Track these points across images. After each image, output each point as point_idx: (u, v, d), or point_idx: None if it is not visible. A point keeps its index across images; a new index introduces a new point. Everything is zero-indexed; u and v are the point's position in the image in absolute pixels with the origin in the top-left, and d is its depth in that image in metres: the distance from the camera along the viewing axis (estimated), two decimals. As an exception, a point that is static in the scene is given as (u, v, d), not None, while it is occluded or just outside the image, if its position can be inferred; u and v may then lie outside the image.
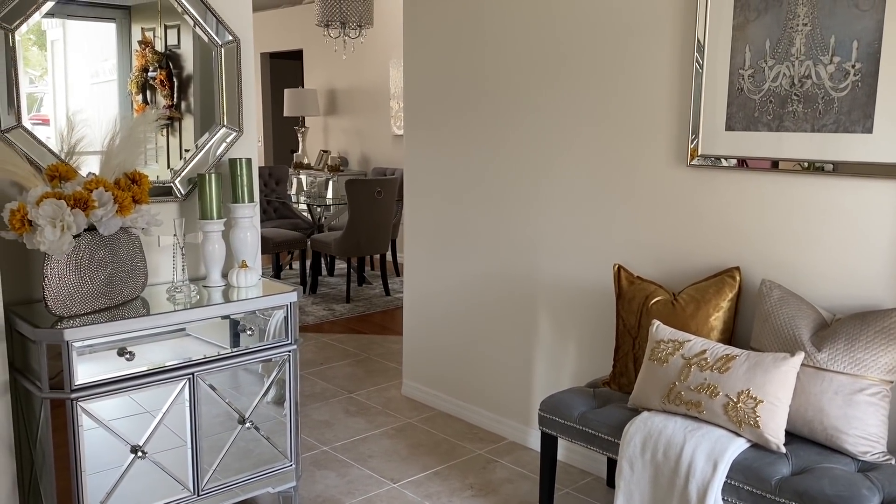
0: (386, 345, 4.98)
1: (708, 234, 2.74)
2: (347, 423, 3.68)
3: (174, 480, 2.42)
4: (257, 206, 2.81)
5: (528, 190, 3.32)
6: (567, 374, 3.26)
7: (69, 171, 2.30)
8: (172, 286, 2.57)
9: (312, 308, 5.94)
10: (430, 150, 3.77)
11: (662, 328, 2.54)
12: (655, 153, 2.86)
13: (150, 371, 2.32)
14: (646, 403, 2.49)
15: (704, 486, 2.20)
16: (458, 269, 3.69)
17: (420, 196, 3.86)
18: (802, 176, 2.48)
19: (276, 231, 6.45)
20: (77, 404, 2.18)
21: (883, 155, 2.28)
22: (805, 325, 2.35)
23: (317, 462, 3.25)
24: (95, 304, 2.30)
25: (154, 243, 2.69)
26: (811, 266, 2.49)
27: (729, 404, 2.27)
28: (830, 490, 2.02)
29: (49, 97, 2.51)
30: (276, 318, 2.61)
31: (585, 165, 3.09)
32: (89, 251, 2.26)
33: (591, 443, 2.54)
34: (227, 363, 2.49)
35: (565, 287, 3.22)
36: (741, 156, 2.60)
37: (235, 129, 2.82)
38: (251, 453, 2.60)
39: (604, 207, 3.05)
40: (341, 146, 8.53)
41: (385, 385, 4.21)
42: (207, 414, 2.47)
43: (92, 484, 2.25)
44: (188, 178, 2.75)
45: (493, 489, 3.02)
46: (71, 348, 2.15)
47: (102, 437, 2.26)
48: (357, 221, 5.96)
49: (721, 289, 2.59)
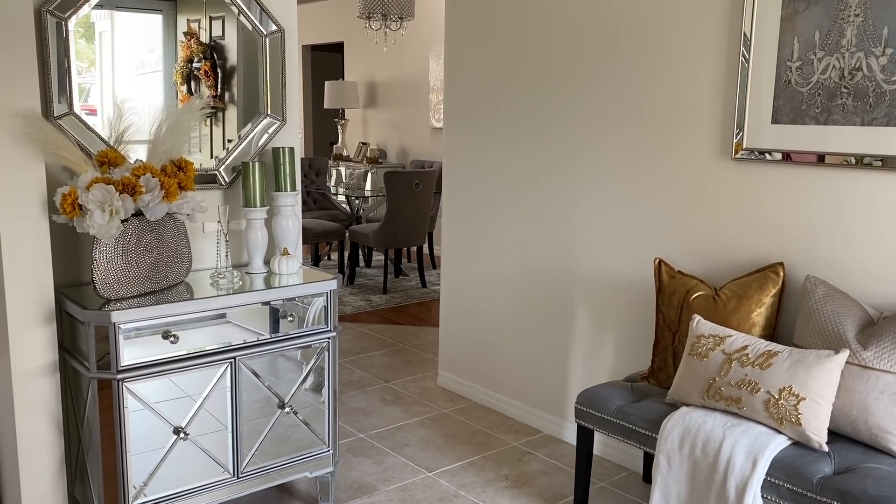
0: (422, 336, 5.01)
1: (751, 228, 2.70)
2: (384, 411, 3.71)
3: (215, 463, 2.46)
4: (299, 194, 2.84)
5: (568, 183, 3.30)
6: (604, 368, 3.24)
7: (118, 158, 2.36)
8: (216, 272, 2.61)
9: (350, 298, 5.99)
10: (469, 143, 3.77)
11: (703, 323, 2.51)
12: (699, 146, 2.82)
13: (193, 354, 2.37)
14: (685, 398, 2.46)
15: (744, 482, 2.17)
16: (496, 262, 3.69)
17: (458, 188, 3.87)
18: (850, 170, 2.43)
19: (315, 222, 6.51)
20: (123, 385, 2.23)
21: (936, 149, 2.22)
22: (850, 323, 2.30)
23: (353, 449, 3.29)
24: (141, 287, 2.36)
25: (199, 230, 2.74)
26: (857, 262, 2.44)
27: (770, 401, 2.23)
28: (874, 490, 1.98)
29: (96, 88, 2.57)
30: (315, 306, 2.64)
31: (627, 159, 3.07)
32: (136, 236, 2.32)
33: (628, 437, 2.52)
34: (267, 348, 2.53)
35: (604, 281, 3.20)
36: (787, 149, 2.55)
37: (279, 118, 2.85)
38: (289, 439, 2.64)
39: (645, 201, 3.02)
40: (380, 138, 8.58)
41: (421, 375, 4.24)
42: (248, 399, 2.52)
43: (136, 464, 2.30)
44: (232, 167, 2.79)
45: (527, 481, 3.02)
46: (117, 330, 2.20)
47: (147, 419, 2.31)
48: (395, 213, 5.99)
49: (764, 284, 2.55)
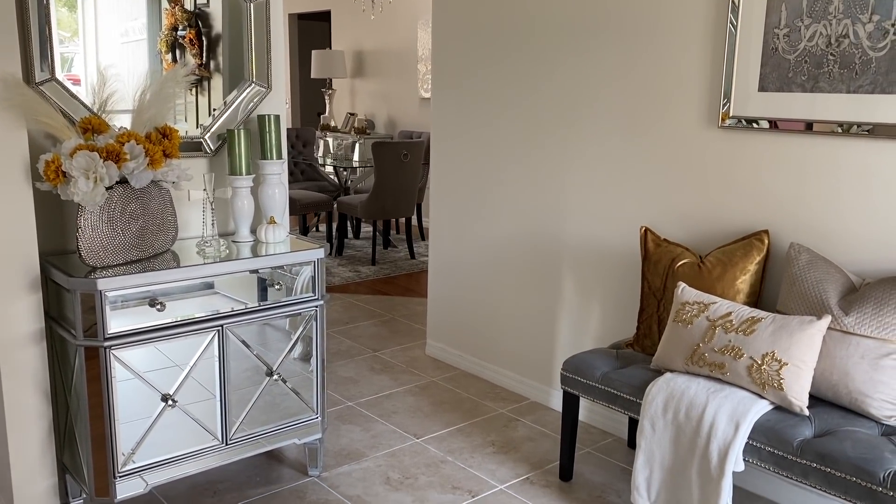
0: (410, 306, 5.02)
1: (737, 196, 2.71)
2: (372, 380, 3.73)
3: (203, 430, 2.48)
4: (285, 163, 2.83)
5: (555, 152, 3.30)
6: (590, 336, 3.27)
7: (102, 125, 2.33)
8: (202, 240, 2.61)
9: (338, 270, 5.99)
10: (456, 113, 3.76)
11: (688, 290, 2.53)
12: (686, 114, 2.82)
13: (180, 322, 2.37)
14: (669, 365, 2.49)
15: (726, 446, 2.21)
16: (483, 232, 3.69)
17: (446, 158, 3.86)
18: (835, 138, 2.44)
19: (302, 193, 6.49)
20: (110, 352, 2.24)
21: (920, 117, 2.23)
22: (833, 289, 2.33)
23: (342, 417, 3.31)
24: (127, 255, 2.35)
25: (184, 198, 2.72)
26: (841, 230, 2.46)
27: (753, 366, 2.26)
28: (853, 452, 2.02)
29: (80, 57, 2.53)
30: (303, 276, 2.64)
31: (614, 127, 3.06)
32: (121, 203, 2.30)
33: (612, 402, 2.56)
34: (254, 316, 2.53)
35: (590, 249, 3.22)
36: (774, 117, 2.56)
37: (264, 85, 2.83)
38: (278, 406, 2.65)
39: (632, 169, 3.03)
40: (368, 109, 8.52)
41: (409, 345, 4.26)
42: (236, 367, 2.53)
43: (124, 431, 2.31)
44: (217, 135, 2.77)
45: (514, 447, 3.06)
46: (104, 297, 2.20)
47: (135, 387, 2.32)
48: (383, 184, 5.97)
49: (749, 252, 2.57)
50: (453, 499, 2.67)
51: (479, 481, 2.79)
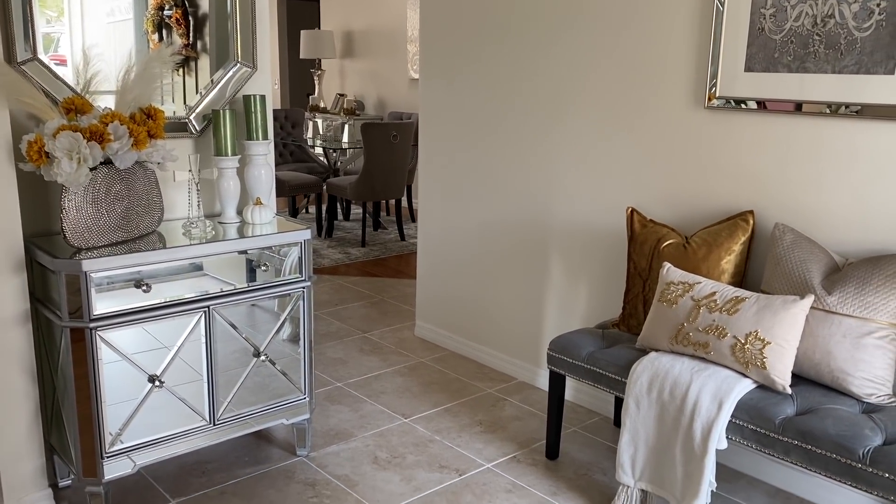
0: (400, 288, 5.03)
1: (723, 177, 2.72)
2: (361, 361, 3.75)
3: (191, 411, 2.49)
4: (271, 143, 2.82)
5: (543, 134, 3.30)
6: (577, 316, 3.29)
7: (85, 105, 2.31)
8: (188, 221, 2.60)
9: (328, 251, 5.99)
10: (445, 95, 3.74)
11: (673, 270, 2.55)
12: (672, 95, 2.82)
13: (167, 303, 2.37)
14: (654, 344, 2.51)
15: (709, 424, 2.23)
16: (472, 213, 3.69)
17: (435, 140, 3.85)
18: (820, 119, 2.44)
19: (292, 174, 6.47)
20: (96, 333, 2.24)
21: None
22: (816, 269, 2.34)
23: (330, 397, 3.32)
24: (112, 237, 2.34)
25: (170, 179, 2.71)
26: (826, 210, 2.48)
27: (736, 345, 2.28)
28: (833, 430, 2.05)
29: (66, 37, 2.51)
30: (291, 258, 2.64)
31: (601, 109, 3.06)
32: (106, 184, 2.29)
33: (598, 381, 2.58)
34: (241, 297, 2.53)
35: (578, 231, 3.23)
36: (760, 97, 2.56)
37: (249, 65, 2.81)
38: (266, 387, 2.66)
39: (619, 151, 3.03)
40: (357, 90, 8.47)
41: (398, 326, 4.27)
42: (224, 350, 2.53)
43: (111, 411, 2.32)
44: (203, 115, 2.76)
45: (501, 426, 3.08)
46: (89, 279, 2.20)
47: (121, 368, 2.32)
48: (372, 166, 5.96)
49: (734, 232, 2.58)
50: (440, 477, 2.69)
51: (467, 460, 2.81)
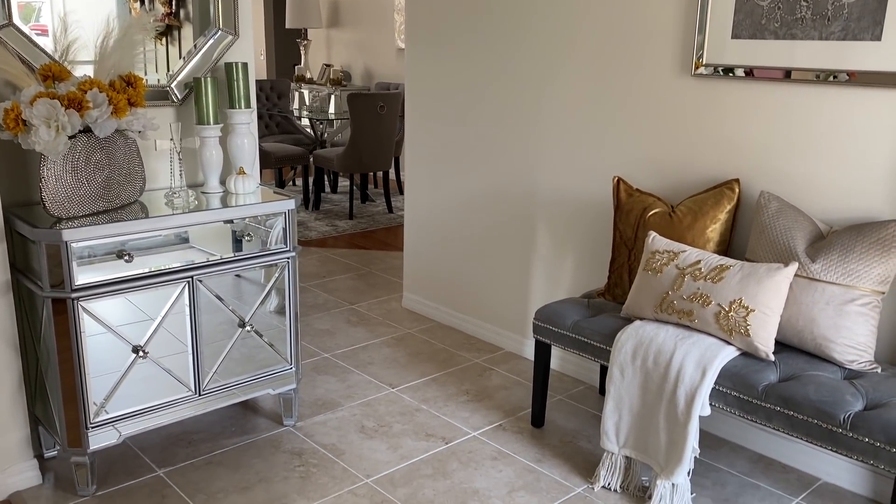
0: (388, 260, 5.02)
1: (709, 145, 2.71)
2: (348, 332, 3.75)
3: (176, 381, 2.48)
4: (254, 112, 2.78)
5: (530, 104, 3.27)
6: (563, 286, 3.29)
7: (63, 72, 2.27)
8: (170, 191, 2.58)
9: (315, 224, 5.96)
10: (430, 65, 3.70)
11: (658, 239, 2.55)
12: (659, 63, 2.80)
13: (150, 273, 2.35)
14: (638, 313, 2.52)
15: (693, 391, 2.25)
16: (459, 184, 3.68)
17: (421, 111, 3.82)
18: (807, 86, 2.43)
19: (278, 146, 6.41)
20: (78, 304, 2.22)
21: (891, 63, 2.23)
22: (801, 237, 2.35)
23: (317, 368, 3.33)
24: (93, 206, 2.31)
25: (151, 148, 2.68)
26: (811, 178, 2.48)
27: (720, 313, 2.29)
28: (815, 396, 2.07)
29: (47, 6, 2.46)
30: (276, 229, 2.62)
31: (588, 78, 3.04)
32: (85, 153, 2.26)
33: (583, 350, 2.59)
34: (225, 267, 2.51)
35: (564, 201, 3.22)
36: (747, 65, 2.54)
37: (231, 31, 2.76)
38: (253, 358, 2.66)
39: (605, 120, 3.01)
40: (344, 60, 8.38)
41: (386, 298, 4.27)
42: (209, 322, 2.52)
43: (96, 382, 2.31)
44: (184, 83, 2.72)
45: (488, 395, 3.10)
46: (70, 249, 2.17)
47: (105, 339, 2.30)
48: (359, 137, 5.91)
49: (719, 201, 2.58)
50: (427, 445, 2.70)
51: (453, 428, 2.82)
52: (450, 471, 2.55)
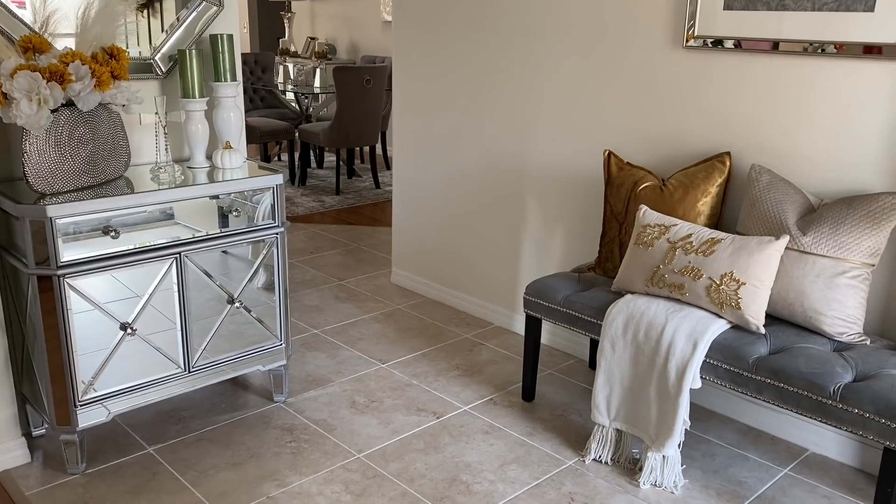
0: (376, 235, 5.00)
1: (700, 118, 2.70)
2: (337, 308, 3.73)
3: (165, 358, 2.46)
4: (240, 85, 2.73)
5: (520, 77, 3.24)
6: (554, 261, 3.29)
7: (43, 44, 2.22)
8: (156, 166, 2.53)
9: (302, 199, 5.91)
10: (418, 38, 3.65)
11: (649, 213, 2.54)
12: (650, 35, 2.78)
13: (137, 250, 2.32)
14: (629, 287, 2.52)
15: (684, 364, 2.26)
16: (448, 159, 3.65)
17: (408, 85, 3.77)
18: (799, 58, 2.42)
19: (263, 120, 6.33)
20: (64, 281, 2.18)
21: (884, 35, 2.22)
22: (792, 210, 2.35)
23: (307, 344, 3.31)
24: (78, 181, 2.27)
25: (136, 122, 2.63)
26: (802, 151, 2.47)
27: (712, 286, 2.30)
28: (805, 368, 2.08)
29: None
30: (263, 205, 2.58)
31: (578, 51, 3.01)
32: (69, 127, 2.21)
33: (574, 324, 2.59)
34: (213, 243, 2.48)
35: (554, 175, 3.20)
36: (739, 36, 2.52)
37: (216, 3, 2.70)
38: (242, 335, 2.64)
39: (596, 93, 2.99)
40: (329, 33, 8.27)
41: (375, 273, 4.25)
42: (198, 298, 2.49)
43: (83, 360, 2.28)
44: (169, 56, 2.66)
45: (478, 369, 3.10)
46: (54, 225, 2.13)
47: (92, 316, 2.27)
48: (346, 111, 5.85)
49: (710, 174, 2.57)
50: (418, 420, 2.70)
51: (444, 403, 2.83)
52: (441, 445, 2.56)
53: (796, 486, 2.38)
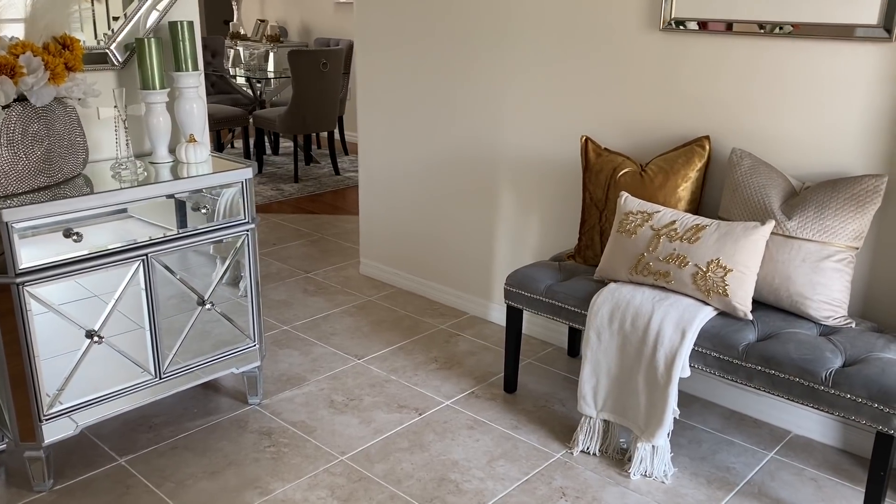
0: (339, 224, 4.88)
1: (678, 102, 2.66)
2: (307, 302, 3.62)
3: (135, 365, 2.34)
4: (202, 74, 2.60)
5: (491, 59, 3.16)
6: (530, 248, 3.24)
7: (-11, 34, 2.06)
8: (116, 163, 2.39)
9: (259, 188, 5.75)
10: (383, 19, 3.54)
11: (631, 200, 2.50)
12: (626, 17, 2.72)
13: (102, 253, 2.18)
14: (612, 275, 2.48)
15: (672, 353, 2.23)
16: (417, 145, 3.55)
17: (373, 68, 3.65)
18: (777, 40, 2.40)
19: (215, 107, 6.12)
20: (24, 289, 2.04)
21: (866, 17, 2.20)
22: (775, 194, 2.33)
23: (278, 342, 3.21)
24: (34, 182, 2.12)
25: (93, 116, 2.47)
26: (783, 134, 2.45)
27: (698, 274, 2.27)
28: (795, 354, 2.07)
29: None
30: (226, 197, 2.46)
31: (552, 34, 2.94)
32: (22, 124, 2.06)
33: (557, 315, 2.54)
34: (182, 243, 2.36)
35: (529, 161, 3.14)
36: (704, 18, 2.49)
37: (174, -12, 2.56)
38: (211, 335, 2.52)
39: (571, 77, 2.93)
40: (279, 15, 8.05)
41: (342, 264, 4.15)
42: (165, 298, 2.37)
43: (48, 372, 2.15)
44: (125, 45, 2.51)
45: (457, 361, 3.04)
46: (11, 230, 1.99)
47: (55, 323, 2.14)
48: (302, 96, 5.69)
49: (690, 159, 2.54)
50: (400, 417, 2.64)
51: (425, 398, 2.76)
52: (426, 443, 2.49)
53: (783, 470, 2.39)
